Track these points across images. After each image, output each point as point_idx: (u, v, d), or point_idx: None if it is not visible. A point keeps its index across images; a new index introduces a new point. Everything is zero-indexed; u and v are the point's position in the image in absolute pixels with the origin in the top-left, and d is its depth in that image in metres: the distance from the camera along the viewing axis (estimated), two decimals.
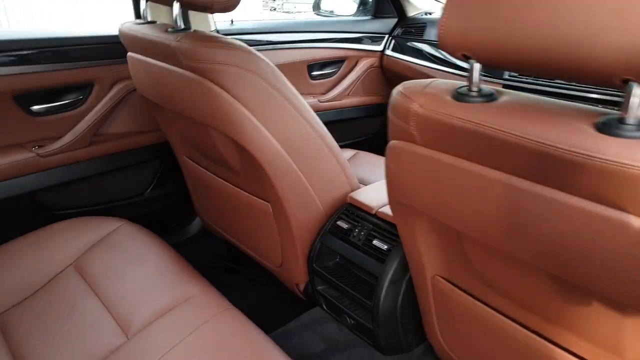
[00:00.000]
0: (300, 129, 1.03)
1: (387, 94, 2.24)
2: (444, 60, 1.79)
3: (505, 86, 1.58)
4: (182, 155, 1.39)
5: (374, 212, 1.07)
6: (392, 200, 0.80)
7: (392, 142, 0.71)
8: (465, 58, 0.58)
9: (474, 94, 0.60)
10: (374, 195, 1.14)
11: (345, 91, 2.01)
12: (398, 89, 0.68)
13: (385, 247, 1.00)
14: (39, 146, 1.31)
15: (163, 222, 1.70)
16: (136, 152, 1.50)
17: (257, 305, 1.50)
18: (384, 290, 0.98)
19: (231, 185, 1.21)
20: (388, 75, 2.09)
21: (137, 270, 1.07)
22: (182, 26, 1.01)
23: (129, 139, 1.48)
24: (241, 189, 1.19)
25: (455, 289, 0.84)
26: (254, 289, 1.58)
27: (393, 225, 1.03)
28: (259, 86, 0.95)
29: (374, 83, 2.10)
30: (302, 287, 1.20)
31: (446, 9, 0.57)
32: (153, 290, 1.01)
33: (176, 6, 0.98)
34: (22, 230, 1.18)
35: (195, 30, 1.01)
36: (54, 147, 1.33)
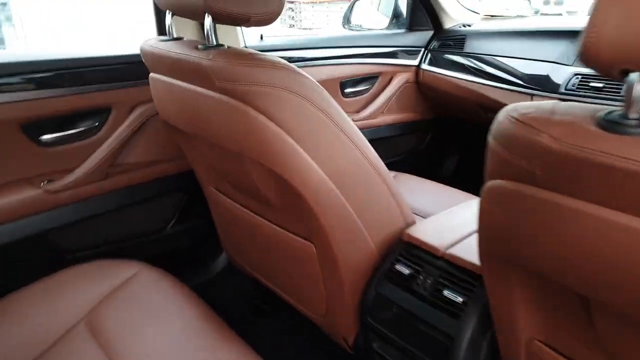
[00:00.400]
0: (350, 157, 0.89)
1: (424, 110, 2.10)
2: (489, 74, 1.63)
3: (563, 100, 1.42)
4: (209, 186, 1.24)
5: (440, 254, 0.90)
6: (487, 252, 0.64)
7: (496, 183, 0.54)
8: (622, 75, 0.42)
9: (634, 122, 0.43)
10: (437, 231, 0.97)
11: (380, 109, 1.86)
12: (508, 115, 0.51)
13: (460, 299, 0.83)
14: (49, 180, 1.17)
15: (186, 259, 1.54)
16: (157, 184, 1.36)
17: None
18: (461, 353, 0.80)
19: (267, 222, 1.06)
20: (424, 91, 1.94)
21: (157, 328, 0.91)
22: (215, 42, 0.87)
23: (149, 169, 1.33)
24: (278, 226, 1.03)
25: (561, 357, 0.67)
26: (289, 339, 1.40)
27: (467, 272, 0.86)
28: (307, 110, 0.81)
29: (410, 99, 1.95)
30: (351, 340, 1.03)
31: (599, 12, 0.41)
32: (178, 356, 0.85)
33: (208, 20, 0.84)
34: (30, 277, 1.03)
35: (229, 47, 0.87)
36: (66, 182, 1.19)
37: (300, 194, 0.85)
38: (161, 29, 1.32)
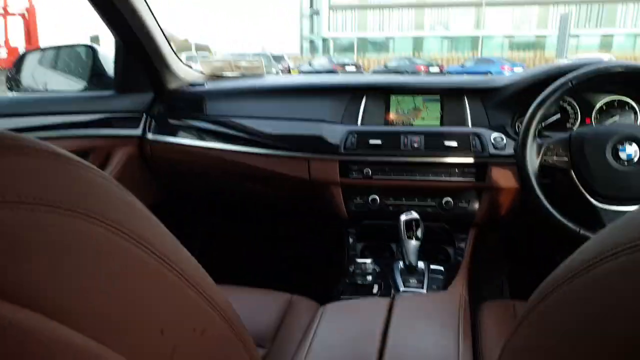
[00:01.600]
0: (203, 321, 0.40)
1: (158, 191, 1.62)
2: (248, 139, 1.35)
3: (343, 161, 1.28)
4: None
5: None
6: None
7: None
8: None
9: None
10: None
11: None
12: None
13: None
14: None
15: None
16: None
17: None
18: None
19: None
20: (153, 167, 1.49)
21: None
22: None
23: None
24: None
25: None
26: None
27: None
28: (99, 244, 0.30)
29: (137, 179, 1.47)
30: None
31: None
32: None
33: None
34: None
35: None
36: None
37: None
38: None
